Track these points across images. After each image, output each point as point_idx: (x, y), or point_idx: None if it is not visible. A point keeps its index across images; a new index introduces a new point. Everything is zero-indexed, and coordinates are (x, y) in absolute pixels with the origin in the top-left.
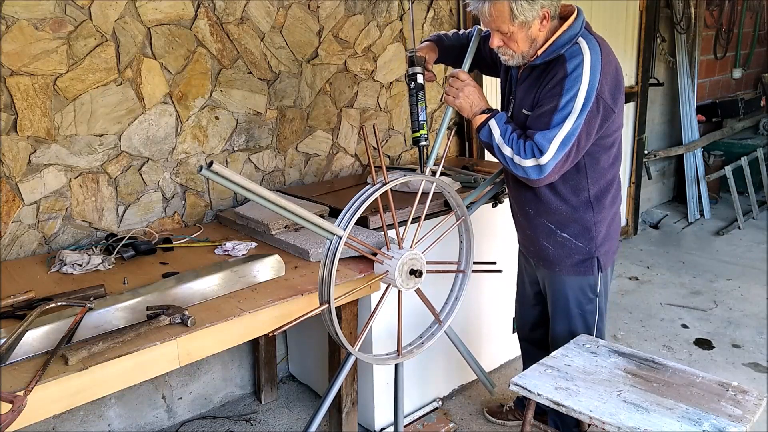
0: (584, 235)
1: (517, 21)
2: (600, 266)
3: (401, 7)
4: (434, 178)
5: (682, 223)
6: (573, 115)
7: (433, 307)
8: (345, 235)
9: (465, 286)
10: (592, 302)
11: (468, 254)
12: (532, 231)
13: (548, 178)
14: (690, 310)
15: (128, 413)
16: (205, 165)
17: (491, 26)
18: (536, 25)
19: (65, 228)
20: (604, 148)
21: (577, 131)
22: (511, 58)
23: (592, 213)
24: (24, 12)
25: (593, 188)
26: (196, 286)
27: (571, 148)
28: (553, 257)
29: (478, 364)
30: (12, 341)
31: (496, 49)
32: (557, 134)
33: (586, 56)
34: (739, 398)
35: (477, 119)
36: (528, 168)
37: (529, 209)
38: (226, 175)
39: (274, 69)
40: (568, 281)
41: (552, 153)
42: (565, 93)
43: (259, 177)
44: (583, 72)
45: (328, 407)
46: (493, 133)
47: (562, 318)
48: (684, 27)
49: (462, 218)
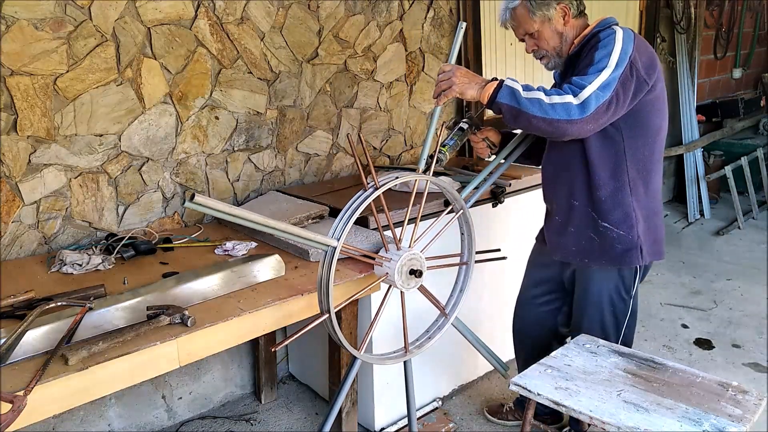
0: (625, 222)
1: (537, 17)
2: (643, 256)
3: (401, 7)
4: (427, 176)
5: (682, 223)
6: (609, 69)
7: (438, 301)
8: (339, 245)
9: (469, 277)
10: (625, 302)
11: (470, 245)
12: (578, 224)
13: (591, 119)
14: (690, 310)
15: (128, 413)
16: (188, 198)
17: (520, 33)
18: (558, 19)
19: (65, 228)
20: (647, 134)
21: (615, 82)
22: (548, 59)
23: (631, 198)
24: (24, 12)
25: (632, 171)
26: (196, 286)
27: (611, 98)
28: (598, 249)
29: (488, 350)
30: (12, 341)
31: (533, 54)
32: (596, 79)
33: (618, 32)
34: (739, 398)
35: (488, 88)
36: (568, 105)
37: (574, 201)
38: (210, 205)
39: (274, 69)
40: (606, 276)
41: (593, 90)
42: (600, 50)
43: (259, 177)
44: (616, 38)
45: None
46: (515, 87)
47: (594, 317)
48: (684, 27)
49: (461, 210)
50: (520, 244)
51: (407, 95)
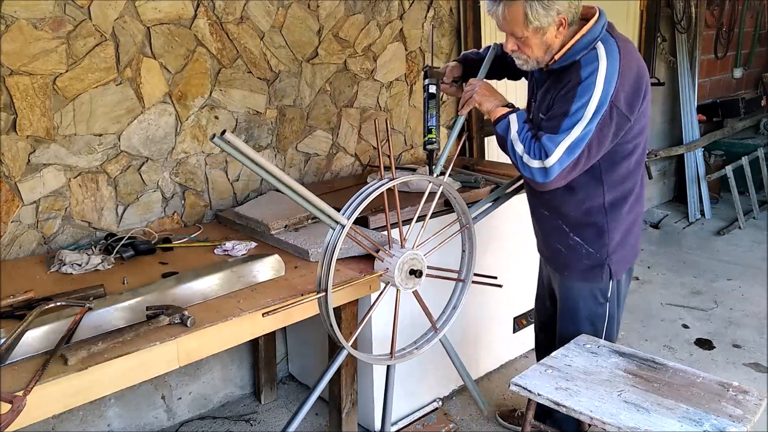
0: (597, 240)
1: (531, 26)
2: (611, 274)
3: (401, 7)
4: (441, 180)
5: (682, 223)
6: (583, 122)
7: (431, 314)
8: (348, 224)
9: (464, 295)
10: (602, 306)
11: (469, 264)
12: (546, 233)
13: (554, 183)
14: (691, 310)
15: (128, 413)
16: (218, 133)
17: (505, 29)
18: (552, 32)
19: (64, 228)
20: (623, 155)
21: (587, 138)
22: (526, 63)
23: (606, 220)
24: (23, 11)
25: (609, 195)
26: (196, 286)
27: (580, 156)
28: (564, 261)
29: (470, 378)
30: (11, 341)
31: (510, 53)
32: (564, 139)
33: (602, 63)
34: (740, 398)
35: (497, 111)
36: (534, 169)
37: (544, 211)
38: (238, 146)
39: (274, 68)
40: (577, 286)
41: (557, 157)
42: (577, 99)
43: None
44: (597, 80)
45: (315, 399)
46: (511, 127)
47: (570, 321)
48: (684, 26)
49: (466, 226)
50: (520, 245)
51: (407, 95)
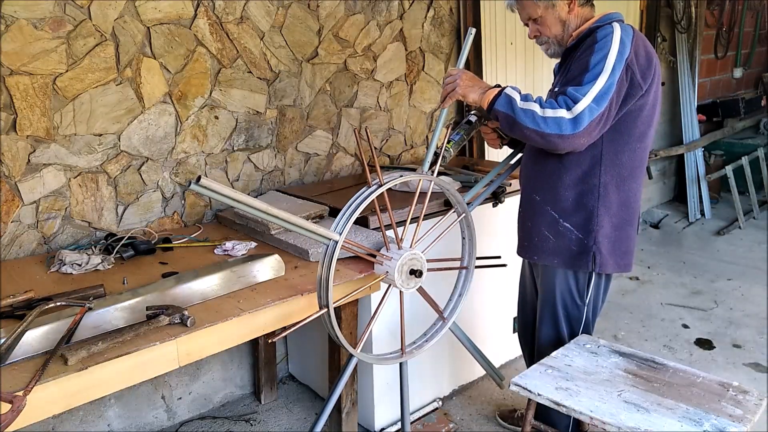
0: (585, 226)
1: (541, 2)
2: (596, 264)
3: (401, 7)
4: (432, 177)
5: (682, 223)
6: (605, 74)
7: (437, 304)
8: (341, 239)
9: (469, 282)
10: (579, 309)
11: (471, 250)
12: (536, 220)
13: (583, 135)
14: (691, 310)
15: (128, 413)
16: (193, 180)
17: (524, 17)
18: (562, 7)
19: (64, 228)
20: (628, 141)
21: (611, 91)
22: (549, 46)
23: (597, 203)
24: (23, 11)
25: (605, 176)
26: (196, 286)
27: (606, 108)
28: (552, 248)
29: (485, 358)
30: (11, 341)
31: (534, 40)
32: (591, 89)
33: (616, 30)
34: (740, 398)
35: (489, 94)
36: (562, 120)
37: (536, 196)
38: (215, 189)
39: (274, 68)
40: (560, 277)
41: (586, 103)
42: (596, 53)
43: (259, 177)
44: (613, 39)
45: (330, 411)
46: (513, 97)
47: (549, 319)
48: (684, 26)
49: (463, 215)
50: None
51: (407, 95)
